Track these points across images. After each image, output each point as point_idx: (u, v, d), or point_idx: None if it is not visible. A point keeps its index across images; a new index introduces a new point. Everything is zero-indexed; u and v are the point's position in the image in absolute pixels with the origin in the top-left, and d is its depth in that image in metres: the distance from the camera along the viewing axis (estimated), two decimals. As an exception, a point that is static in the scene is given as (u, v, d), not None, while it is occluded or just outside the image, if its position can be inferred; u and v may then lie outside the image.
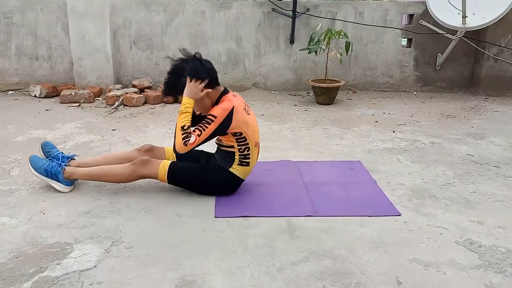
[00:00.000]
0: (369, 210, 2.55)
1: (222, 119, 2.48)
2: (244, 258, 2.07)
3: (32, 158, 2.72)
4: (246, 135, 2.58)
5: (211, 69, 2.59)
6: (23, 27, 5.30)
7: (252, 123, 2.64)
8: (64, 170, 2.69)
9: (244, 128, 2.57)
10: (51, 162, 2.71)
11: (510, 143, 3.77)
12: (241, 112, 2.56)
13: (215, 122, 2.47)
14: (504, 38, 5.32)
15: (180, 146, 2.46)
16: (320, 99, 5.05)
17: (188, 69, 2.54)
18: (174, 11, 5.39)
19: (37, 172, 2.68)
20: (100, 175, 2.71)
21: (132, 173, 2.65)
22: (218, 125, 2.48)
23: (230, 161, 2.64)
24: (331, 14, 5.48)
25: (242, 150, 2.61)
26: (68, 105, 4.84)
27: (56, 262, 2.02)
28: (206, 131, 2.47)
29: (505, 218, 2.49)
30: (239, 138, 2.58)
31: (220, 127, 2.50)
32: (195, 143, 2.46)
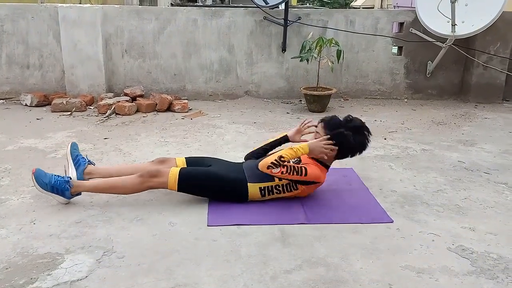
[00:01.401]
0: (361, 217, 2.56)
1: (307, 180, 2.61)
2: (237, 266, 2.07)
3: (36, 175, 2.57)
4: (296, 193, 2.70)
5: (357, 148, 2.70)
6: (14, 35, 5.27)
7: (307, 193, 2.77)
8: (71, 188, 2.59)
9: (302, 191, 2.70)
10: (58, 178, 2.60)
11: (500, 149, 3.80)
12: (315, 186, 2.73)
13: (302, 177, 2.60)
14: (493, 45, 5.39)
15: (264, 165, 2.56)
16: (312, 107, 5.07)
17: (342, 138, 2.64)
18: (166, 20, 5.40)
19: (43, 188, 2.57)
20: (108, 188, 2.66)
21: (141, 185, 2.62)
22: (301, 180, 2.60)
23: (259, 180, 2.66)
24: (323, 23, 5.52)
25: (278, 188, 2.67)
26: (60, 113, 4.81)
27: (47, 273, 1.99)
28: (290, 176, 2.58)
29: (496, 224, 2.50)
30: (291, 186, 2.68)
31: (301, 182, 2.62)
32: (274, 174, 2.57)
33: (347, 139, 2.64)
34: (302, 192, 2.71)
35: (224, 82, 5.62)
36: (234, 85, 5.64)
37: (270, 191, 2.67)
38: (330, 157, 2.71)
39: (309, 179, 2.61)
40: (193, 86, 5.60)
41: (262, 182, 2.66)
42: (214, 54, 5.53)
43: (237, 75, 5.62)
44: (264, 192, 2.67)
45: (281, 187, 2.67)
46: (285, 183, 2.66)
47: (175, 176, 2.61)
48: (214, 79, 5.59)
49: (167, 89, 5.55)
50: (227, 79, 5.61)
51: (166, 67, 5.53)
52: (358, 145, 2.69)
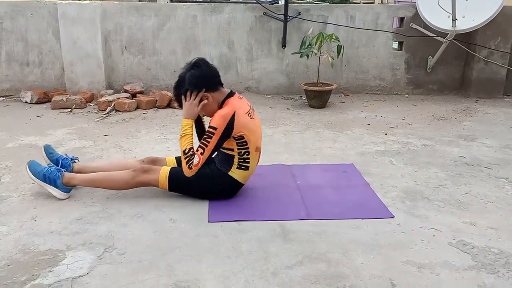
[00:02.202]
0: (362, 212, 2.55)
1: (222, 129, 2.47)
2: (238, 262, 2.07)
3: (30, 163, 2.68)
4: (248, 139, 2.57)
5: (207, 76, 2.57)
6: (13, 33, 5.26)
7: (255, 127, 2.62)
8: (63, 176, 2.65)
9: (246, 132, 2.55)
10: (50, 168, 2.67)
11: (501, 144, 3.80)
12: (243, 117, 2.54)
13: (216, 134, 2.46)
14: (493, 40, 5.37)
15: (186, 170, 2.50)
16: (312, 103, 5.06)
17: (183, 84, 2.56)
18: (165, 16, 5.39)
19: (35, 177, 2.64)
20: (99, 182, 2.68)
21: (132, 180, 2.62)
22: (219, 136, 2.47)
23: (229, 165, 2.63)
24: (323, 18, 5.50)
25: (242, 154, 2.60)
26: (60, 111, 4.81)
27: (48, 270, 2.00)
28: (208, 146, 2.47)
29: (497, 219, 2.50)
30: (239, 142, 2.57)
31: (222, 137, 2.49)
32: (199, 163, 2.47)
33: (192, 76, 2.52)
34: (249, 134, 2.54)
35: (224, 78, 5.48)
36: (234, 81, 5.63)
37: (243, 161, 2.60)
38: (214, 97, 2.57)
39: (223, 126, 2.45)
40: (193, 82, 5.58)
41: (233, 163, 2.61)
42: (214, 50, 5.52)
43: (237, 71, 5.61)
44: (243, 166, 2.62)
45: (241, 150, 2.58)
46: (237, 146, 2.57)
47: (165, 174, 2.61)
48: (214, 75, 5.57)
49: (167, 85, 5.54)
50: (227, 75, 5.60)
51: (166, 63, 5.52)
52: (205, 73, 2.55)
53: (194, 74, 2.54)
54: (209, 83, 2.57)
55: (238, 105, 2.56)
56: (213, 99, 2.59)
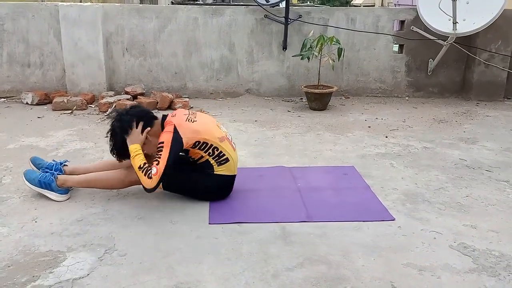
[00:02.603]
0: (363, 215, 2.55)
1: (170, 141, 2.46)
2: (239, 264, 2.07)
3: (26, 172, 2.73)
4: (204, 140, 2.57)
5: (139, 114, 2.60)
6: (14, 34, 5.27)
7: (202, 126, 2.60)
8: (56, 179, 2.67)
9: (197, 136, 2.55)
10: (44, 173, 2.70)
11: (501, 147, 3.80)
12: (184, 125, 2.54)
13: (166, 146, 2.45)
14: (494, 43, 5.38)
15: (146, 182, 2.43)
16: (313, 105, 5.06)
17: (119, 130, 2.55)
18: (166, 18, 5.39)
19: (31, 184, 2.68)
20: (94, 182, 2.71)
21: (125, 178, 2.65)
22: (170, 147, 2.45)
23: (210, 167, 2.63)
24: (323, 21, 5.51)
25: (212, 153, 2.60)
26: (61, 112, 4.81)
27: (49, 271, 2.00)
28: (162, 157, 2.43)
29: (498, 222, 2.50)
30: (201, 147, 2.57)
31: (173, 148, 2.46)
32: (158, 172, 2.42)
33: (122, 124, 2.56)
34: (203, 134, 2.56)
35: (225, 80, 5.61)
36: (235, 84, 5.63)
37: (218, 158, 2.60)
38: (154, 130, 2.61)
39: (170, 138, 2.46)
40: (194, 84, 5.60)
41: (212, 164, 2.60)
42: (215, 52, 5.53)
43: (238, 73, 5.61)
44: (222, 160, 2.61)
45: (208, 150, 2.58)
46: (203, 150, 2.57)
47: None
48: (215, 77, 5.59)
49: (168, 87, 5.55)
50: (228, 78, 5.60)
51: (167, 65, 5.53)
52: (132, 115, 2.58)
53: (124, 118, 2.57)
54: (144, 119, 2.59)
55: (174, 120, 2.57)
56: (153, 135, 2.59)
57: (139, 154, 2.50)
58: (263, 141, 3.88)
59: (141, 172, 2.44)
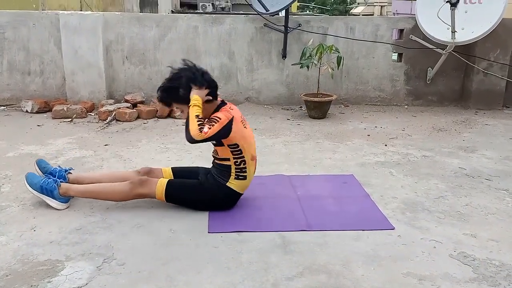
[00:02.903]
0: (363, 224, 2.55)
1: (224, 123, 2.52)
2: (238, 274, 2.06)
3: (28, 175, 2.70)
4: (242, 147, 2.59)
5: (210, 83, 2.63)
6: (15, 42, 5.29)
7: (248, 136, 2.66)
8: (59, 187, 2.65)
9: (240, 141, 2.58)
10: (47, 179, 2.67)
11: (501, 156, 3.80)
12: (239, 124, 2.59)
13: (220, 123, 2.50)
14: (493, 52, 5.40)
15: (196, 132, 2.46)
16: (312, 113, 5.07)
17: (192, 77, 2.59)
18: (167, 27, 5.42)
19: (33, 188, 2.65)
20: (96, 193, 2.68)
21: (130, 192, 2.63)
22: (222, 126, 2.50)
23: (227, 175, 2.63)
24: (323, 29, 5.54)
25: (238, 163, 2.61)
26: (60, 120, 4.81)
27: (47, 280, 1.99)
28: (214, 127, 2.48)
29: (498, 230, 2.50)
30: (235, 150, 2.58)
31: (222, 129, 2.51)
32: (207, 133, 2.47)
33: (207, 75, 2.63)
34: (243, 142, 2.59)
35: (224, 88, 5.62)
36: (235, 92, 5.65)
37: (240, 171, 2.62)
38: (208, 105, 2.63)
39: (225, 121, 2.51)
40: (193, 92, 5.60)
41: (230, 174, 2.62)
42: (214, 60, 5.55)
43: (237, 81, 5.63)
44: (241, 176, 2.63)
45: (237, 159, 2.60)
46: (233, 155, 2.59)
47: (162, 187, 2.62)
48: (215, 85, 5.60)
49: (168, 95, 5.55)
50: (228, 86, 5.62)
51: (167, 73, 5.46)
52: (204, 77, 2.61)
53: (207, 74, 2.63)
54: (212, 86, 2.63)
55: (233, 112, 2.61)
56: (209, 105, 2.62)
57: (199, 107, 2.53)
58: (263, 149, 3.88)
59: (195, 121, 2.48)
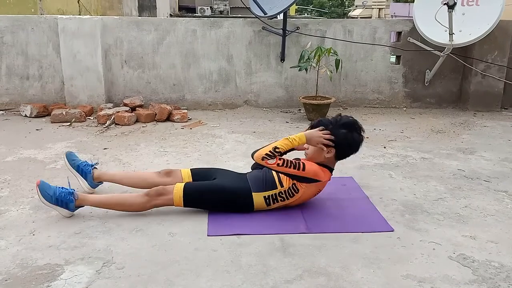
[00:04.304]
0: (362, 226, 2.55)
1: (305, 176, 2.56)
2: (237, 277, 2.05)
3: (41, 187, 2.54)
4: (298, 196, 2.65)
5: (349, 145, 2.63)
6: (13, 47, 5.29)
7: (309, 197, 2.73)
8: (76, 200, 2.57)
9: (304, 193, 2.65)
10: (62, 190, 2.57)
11: (499, 157, 3.80)
12: (316, 188, 2.67)
13: (299, 172, 2.54)
14: (490, 54, 5.42)
15: (259, 156, 2.53)
16: (311, 116, 5.08)
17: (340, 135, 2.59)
18: (165, 30, 5.43)
19: (47, 200, 2.53)
20: (113, 204, 2.65)
21: (147, 203, 2.62)
22: (297, 175, 2.56)
23: (263, 189, 2.65)
24: (321, 32, 5.55)
25: (282, 195, 2.65)
26: (59, 124, 4.81)
27: (46, 285, 1.98)
28: (286, 168, 2.53)
29: (497, 232, 2.50)
30: (292, 189, 2.64)
31: (297, 177, 2.57)
32: (270, 166, 2.52)
33: (342, 134, 2.59)
34: (303, 194, 2.64)
35: (223, 92, 5.63)
36: (233, 95, 5.65)
37: (274, 199, 2.65)
38: (330, 158, 2.65)
39: (307, 175, 2.55)
40: (192, 96, 5.62)
41: (266, 191, 2.65)
42: (213, 64, 5.55)
43: (236, 84, 5.64)
44: (269, 201, 2.66)
45: (284, 194, 2.65)
46: (287, 188, 2.64)
47: (179, 193, 2.61)
48: (213, 89, 5.61)
49: (167, 99, 5.56)
50: (226, 89, 5.63)
51: (165, 77, 5.55)
52: (353, 141, 2.62)
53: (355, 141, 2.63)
54: (344, 152, 2.65)
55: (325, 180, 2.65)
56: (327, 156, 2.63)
57: (290, 144, 2.56)
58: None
59: (269, 150, 2.52)
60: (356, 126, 2.65)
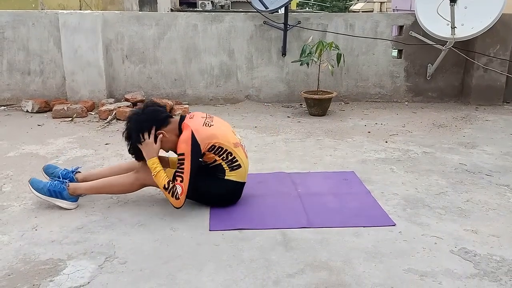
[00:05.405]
0: (363, 220, 2.55)
1: (190, 151, 2.48)
2: (239, 271, 2.06)
3: (32, 181, 2.66)
4: (220, 144, 2.58)
5: (152, 112, 2.59)
6: (15, 42, 5.29)
7: (218, 130, 2.62)
8: (68, 187, 2.64)
9: (213, 140, 2.56)
10: (53, 181, 2.65)
11: (501, 151, 3.80)
12: (202, 130, 2.55)
13: (187, 159, 2.48)
14: (493, 48, 5.39)
15: (175, 202, 2.50)
16: (312, 111, 5.07)
17: (132, 132, 2.56)
18: (166, 25, 5.42)
19: (40, 193, 2.62)
20: (104, 188, 2.69)
21: (135, 181, 2.63)
22: (190, 158, 2.48)
23: (222, 171, 2.63)
24: (322, 26, 5.53)
25: (225, 157, 2.61)
26: (61, 120, 4.82)
27: (49, 279, 1.99)
28: (185, 172, 2.47)
29: (499, 226, 2.50)
30: (216, 151, 2.58)
31: (193, 158, 2.49)
32: (183, 190, 2.48)
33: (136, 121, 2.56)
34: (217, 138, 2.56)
35: (224, 86, 5.62)
36: (235, 90, 5.65)
37: (231, 163, 2.60)
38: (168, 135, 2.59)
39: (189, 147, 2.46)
40: (193, 91, 5.61)
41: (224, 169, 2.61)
42: (214, 59, 5.54)
43: (237, 79, 5.63)
44: (234, 166, 2.61)
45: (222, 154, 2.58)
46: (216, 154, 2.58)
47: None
48: (215, 83, 5.60)
49: (168, 94, 5.56)
50: (228, 84, 5.62)
51: (167, 72, 5.54)
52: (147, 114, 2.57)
53: (138, 119, 2.57)
54: (156, 122, 2.58)
55: (192, 124, 2.57)
56: (169, 133, 2.60)
57: (160, 171, 2.51)
58: (263, 147, 3.88)
59: (168, 193, 2.49)
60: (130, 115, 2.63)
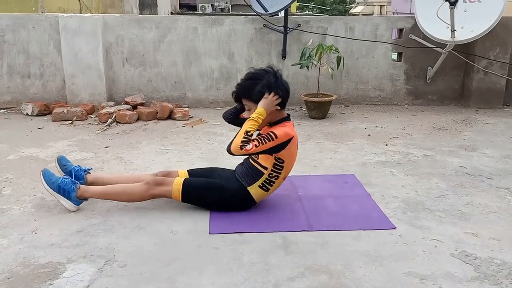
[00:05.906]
0: (364, 223, 2.55)
1: (281, 141, 2.52)
2: (240, 274, 2.06)
3: (45, 172, 2.64)
4: (285, 165, 2.61)
5: (287, 90, 2.62)
6: (15, 45, 5.29)
7: (295, 158, 2.69)
8: (78, 189, 2.62)
9: (287, 159, 2.60)
10: (65, 179, 2.63)
11: (501, 154, 3.80)
12: (294, 145, 2.61)
13: (275, 141, 2.50)
14: (492, 51, 5.40)
15: (236, 147, 2.49)
16: (312, 114, 5.07)
17: (271, 81, 2.57)
18: (166, 28, 5.42)
19: (49, 187, 2.61)
20: (112, 194, 2.67)
21: (145, 192, 2.62)
22: (275, 144, 2.51)
23: (253, 180, 2.64)
24: (322, 29, 5.54)
25: (272, 175, 2.62)
26: (61, 123, 4.82)
27: (49, 283, 1.99)
28: (264, 145, 2.50)
29: (499, 229, 2.49)
30: (277, 164, 2.60)
31: (275, 147, 2.53)
32: (250, 151, 2.50)
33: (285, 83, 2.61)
34: (288, 159, 2.61)
35: (224, 89, 5.63)
36: (235, 93, 5.64)
37: (268, 183, 2.63)
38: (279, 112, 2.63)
39: (282, 139, 2.51)
40: (193, 94, 5.61)
41: (257, 180, 2.63)
42: (214, 62, 5.55)
43: (237, 82, 5.61)
44: (265, 187, 2.64)
45: (274, 172, 2.60)
46: (272, 167, 2.59)
47: (179, 186, 2.61)
48: (215, 86, 5.61)
49: (168, 97, 5.56)
50: (228, 87, 5.62)
51: (167, 75, 5.55)
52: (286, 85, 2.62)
53: (279, 82, 2.59)
54: (284, 97, 2.61)
55: (295, 133, 2.62)
56: (276, 113, 2.62)
57: (257, 123, 2.52)
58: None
59: (242, 137, 2.49)
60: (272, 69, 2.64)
